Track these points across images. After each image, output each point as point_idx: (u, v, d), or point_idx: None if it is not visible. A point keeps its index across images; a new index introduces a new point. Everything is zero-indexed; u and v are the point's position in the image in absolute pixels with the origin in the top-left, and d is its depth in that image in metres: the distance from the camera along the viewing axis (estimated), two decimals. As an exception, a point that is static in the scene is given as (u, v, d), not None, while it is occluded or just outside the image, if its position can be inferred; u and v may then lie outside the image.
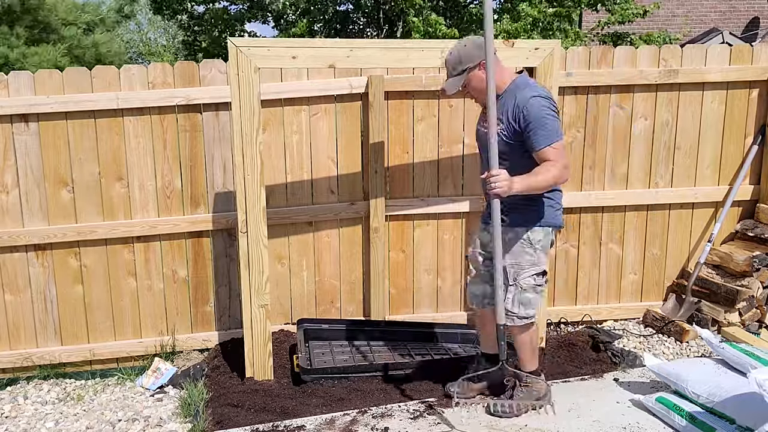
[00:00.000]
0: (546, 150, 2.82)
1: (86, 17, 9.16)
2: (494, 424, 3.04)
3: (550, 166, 2.82)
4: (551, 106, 2.87)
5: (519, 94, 2.87)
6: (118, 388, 3.93)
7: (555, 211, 3.06)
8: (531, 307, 3.04)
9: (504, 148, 2.88)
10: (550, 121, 2.82)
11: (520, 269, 3.01)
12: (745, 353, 3.06)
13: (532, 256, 3.00)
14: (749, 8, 15.28)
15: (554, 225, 3.07)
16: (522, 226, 2.98)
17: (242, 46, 3.31)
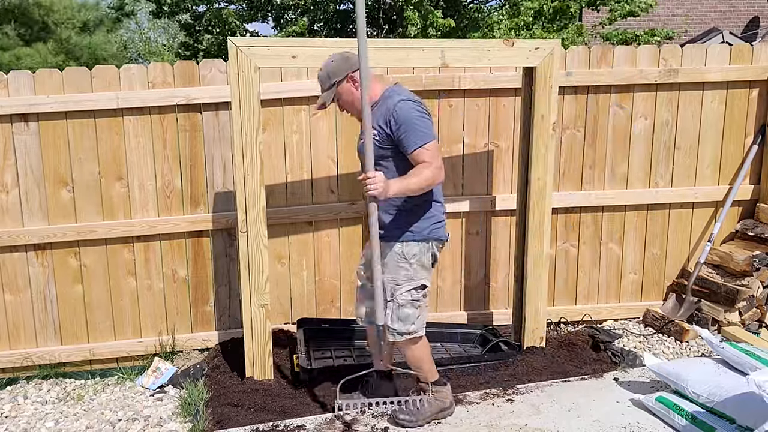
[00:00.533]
0: (419, 151, 2.79)
1: (84, 16, 9.16)
2: (494, 424, 3.04)
3: (423, 167, 2.78)
4: (421, 108, 2.87)
5: (389, 100, 2.87)
6: (118, 387, 3.93)
7: (433, 224, 2.98)
8: (410, 322, 2.96)
9: (380, 153, 2.86)
10: (420, 122, 2.81)
11: (396, 284, 2.94)
12: (745, 353, 3.06)
13: (407, 271, 2.94)
14: (749, 8, 15.30)
15: (432, 239, 2.98)
16: (397, 240, 2.93)
17: (242, 46, 3.31)
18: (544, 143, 3.72)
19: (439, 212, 3.01)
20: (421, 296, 2.99)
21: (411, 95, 2.93)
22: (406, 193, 2.82)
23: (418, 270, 2.96)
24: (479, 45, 3.61)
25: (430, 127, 2.85)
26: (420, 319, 3.00)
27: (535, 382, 3.49)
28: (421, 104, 2.90)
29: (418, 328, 3.00)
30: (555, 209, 4.23)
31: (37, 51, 7.88)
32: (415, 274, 2.95)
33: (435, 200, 2.99)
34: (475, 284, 4.46)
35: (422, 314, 3.01)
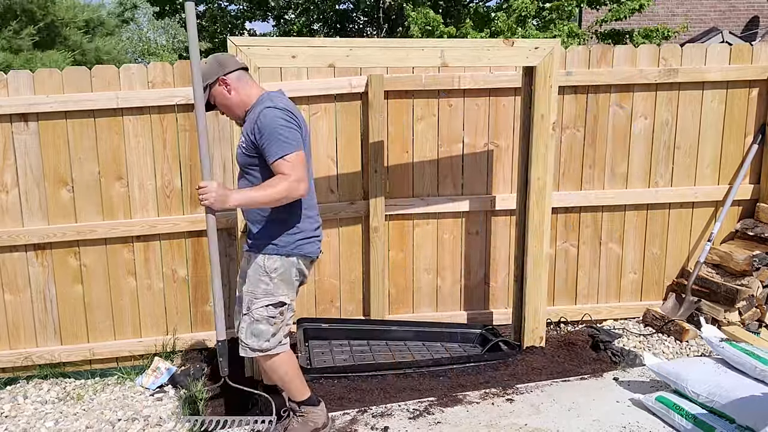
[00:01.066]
0: (279, 162, 2.62)
1: (85, 16, 9.15)
2: (494, 423, 3.04)
3: (279, 179, 2.62)
4: (287, 117, 2.69)
5: (258, 107, 2.73)
6: (118, 387, 3.93)
7: (302, 239, 2.82)
8: (264, 339, 2.81)
9: (247, 161, 2.77)
10: (284, 132, 2.64)
11: (254, 298, 2.81)
12: (745, 352, 3.06)
13: (267, 285, 2.79)
14: (749, 7, 15.29)
15: (298, 254, 2.82)
16: (260, 252, 2.80)
17: (242, 45, 3.31)
18: (543, 143, 3.72)
19: (309, 227, 2.86)
20: (278, 313, 2.82)
21: (281, 102, 2.74)
22: (252, 205, 2.70)
23: (279, 285, 2.81)
24: (479, 45, 3.61)
25: (295, 138, 2.67)
26: (275, 337, 2.83)
27: (535, 382, 3.49)
28: (290, 112, 2.71)
29: (272, 345, 2.83)
30: (555, 209, 4.23)
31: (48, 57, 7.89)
32: (275, 290, 2.80)
33: (306, 214, 2.84)
34: (475, 284, 4.46)
35: (279, 332, 2.84)
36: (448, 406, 3.22)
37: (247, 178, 2.81)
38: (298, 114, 2.77)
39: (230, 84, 2.79)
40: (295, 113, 2.75)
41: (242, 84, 2.82)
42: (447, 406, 3.22)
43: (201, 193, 2.61)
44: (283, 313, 2.84)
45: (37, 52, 7.86)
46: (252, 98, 2.82)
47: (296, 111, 2.78)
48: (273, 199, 2.63)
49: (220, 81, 2.79)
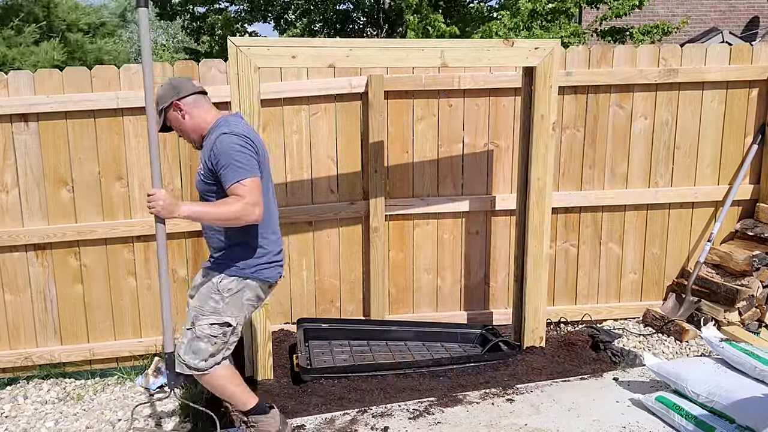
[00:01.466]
0: (234, 186, 2.59)
1: (87, 18, 9.16)
2: (494, 424, 3.04)
3: (234, 199, 2.58)
4: (244, 143, 2.64)
5: (213, 133, 2.70)
6: (118, 387, 3.93)
7: (263, 264, 2.79)
8: (201, 358, 2.74)
9: (205, 187, 2.74)
10: (239, 158, 2.60)
11: (201, 314, 2.75)
12: (745, 352, 3.06)
13: (217, 304, 2.74)
14: (749, 7, 15.29)
15: (257, 278, 2.78)
16: (218, 271, 2.76)
17: (242, 46, 3.31)
18: (543, 143, 3.72)
19: (271, 251, 2.82)
20: (221, 333, 2.75)
21: (238, 127, 2.70)
22: (202, 219, 2.68)
23: (229, 306, 2.75)
24: (479, 45, 3.61)
25: (251, 164, 2.63)
26: (213, 357, 2.76)
27: (535, 382, 3.49)
28: (246, 138, 2.66)
29: (207, 366, 2.75)
30: (555, 209, 4.23)
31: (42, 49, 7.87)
32: (224, 310, 2.75)
33: (269, 238, 2.81)
34: (475, 284, 4.46)
35: (218, 353, 2.77)
36: (448, 406, 3.22)
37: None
38: (255, 139, 2.73)
39: (184, 109, 2.75)
40: (252, 138, 2.70)
41: (197, 108, 2.78)
42: (447, 406, 3.22)
43: (149, 201, 2.58)
44: (225, 335, 2.76)
45: (32, 46, 7.85)
46: (208, 123, 2.78)
47: (254, 136, 2.74)
48: (225, 218, 2.59)
49: (174, 105, 2.75)
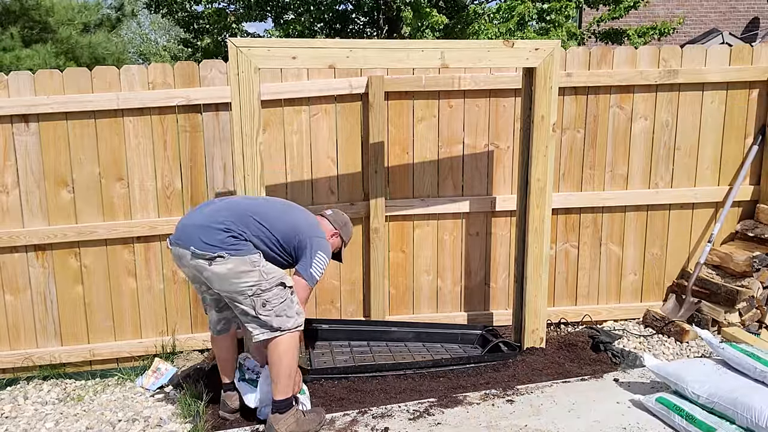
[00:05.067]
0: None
1: (85, 17, 9.16)
2: (494, 424, 3.04)
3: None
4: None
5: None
6: (118, 388, 3.93)
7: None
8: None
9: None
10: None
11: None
12: (745, 353, 3.06)
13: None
14: (749, 8, 15.29)
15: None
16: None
17: (242, 47, 3.31)
18: (544, 144, 3.72)
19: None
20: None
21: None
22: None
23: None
24: (479, 46, 3.62)
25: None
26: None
27: (535, 383, 3.49)
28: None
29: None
30: (555, 210, 4.23)
31: (36, 51, 7.88)
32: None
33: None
34: (476, 285, 4.46)
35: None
36: (448, 407, 3.22)
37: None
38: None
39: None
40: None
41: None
42: (447, 407, 3.22)
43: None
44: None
45: (26, 50, 7.87)
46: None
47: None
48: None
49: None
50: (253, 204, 3.09)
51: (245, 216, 2.98)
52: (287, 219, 3.07)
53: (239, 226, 2.94)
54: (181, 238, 2.95)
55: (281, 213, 3.09)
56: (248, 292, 2.89)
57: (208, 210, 3.02)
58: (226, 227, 2.91)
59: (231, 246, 2.88)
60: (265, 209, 3.06)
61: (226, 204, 3.06)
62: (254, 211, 3.02)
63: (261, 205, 3.10)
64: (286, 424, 2.92)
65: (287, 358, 2.93)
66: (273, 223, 3.02)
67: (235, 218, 2.95)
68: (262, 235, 2.99)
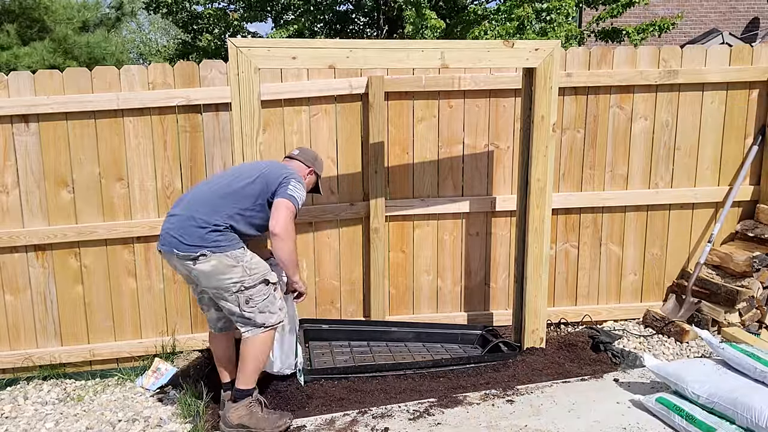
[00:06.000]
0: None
1: (84, 16, 9.16)
2: (494, 424, 3.04)
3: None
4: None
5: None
6: (118, 388, 3.93)
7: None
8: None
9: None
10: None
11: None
12: (745, 353, 3.06)
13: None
14: (749, 9, 15.29)
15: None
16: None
17: (242, 47, 3.31)
18: (544, 144, 3.72)
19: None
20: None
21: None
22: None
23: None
24: (479, 46, 3.62)
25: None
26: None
27: (535, 383, 3.49)
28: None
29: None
30: (555, 210, 4.23)
31: (34, 49, 7.88)
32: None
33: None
34: (476, 285, 4.46)
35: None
36: (448, 407, 3.22)
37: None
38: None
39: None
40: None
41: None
42: (447, 407, 3.22)
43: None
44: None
45: (24, 48, 7.87)
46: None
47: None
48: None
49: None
50: (221, 183, 3.11)
51: (217, 200, 3.01)
52: (256, 178, 3.09)
53: (216, 217, 2.97)
54: (165, 243, 3.02)
55: (248, 177, 3.09)
56: (233, 288, 2.96)
57: (182, 207, 3.06)
58: (205, 222, 2.95)
59: (212, 242, 2.93)
60: (232, 182, 3.09)
61: (197, 195, 3.08)
62: (224, 192, 3.05)
63: (228, 179, 3.12)
64: (237, 414, 3.02)
65: (261, 353, 3.05)
66: (245, 190, 3.05)
67: (210, 208, 2.99)
68: (240, 209, 3.02)
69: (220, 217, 2.97)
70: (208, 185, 3.15)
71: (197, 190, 3.13)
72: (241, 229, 3.02)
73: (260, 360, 3.06)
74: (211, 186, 3.12)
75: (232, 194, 3.03)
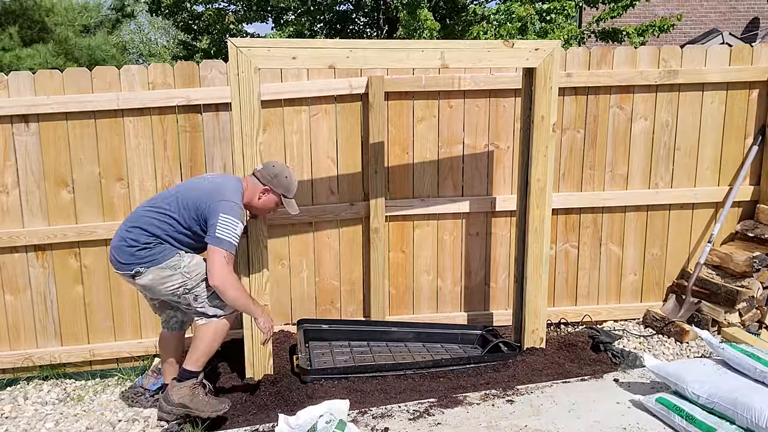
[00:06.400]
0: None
1: (85, 18, 9.17)
2: (494, 425, 3.04)
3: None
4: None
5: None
6: (118, 388, 3.93)
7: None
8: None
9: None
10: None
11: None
12: (745, 353, 3.06)
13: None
14: (749, 9, 15.29)
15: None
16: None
17: (242, 47, 3.31)
18: (544, 144, 3.72)
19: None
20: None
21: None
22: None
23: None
24: (479, 46, 3.62)
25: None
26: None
27: (535, 383, 3.49)
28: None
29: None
30: (555, 210, 4.23)
31: (37, 51, 7.89)
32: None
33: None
34: (475, 285, 4.46)
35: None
36: (448, 407, 3.22)
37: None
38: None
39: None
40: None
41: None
42: (447, 407, 3.22)
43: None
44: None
45: (26, 49, 7.88)
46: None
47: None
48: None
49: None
50: (159, 200, 3.17)
51: (151, 218, 3.09)
52: (191, 200, 3.10)
53: (148, 235, 3.07)
54: (111, 260, 3.21)
55: (185, 198, 3.12)
56: (178, 292, 3.12)
57: (121, 228, 3.17)
58: (134, 240, 3.06)
59: (144, 258, 3.06)
60: (169, 202, 3.13)
61: (136, 214, 3.17)
62: (156, 212, 3.11)
63: (168, 198, 3.16)
64: (180, 393, 3.11)
65: (213, 340, 3.18)
66: (180, 213, 3.10)
67: (142, 226, 3.08)
68: (170, 232, 3.09)
69: (149, 235, 3.07)
70: (155, 199, 3.24)
71: (141, 207, 3.23)
72: (174, 243, 3.12)
73: (211, 346, 3.19)
74: (149, 202, 3.21)
75: (162, 216, 3.10)
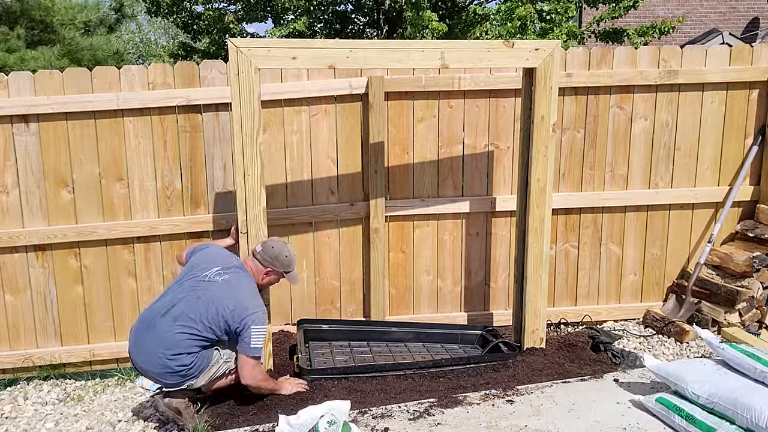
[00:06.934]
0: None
1: (84, 17, 9.17)
2: (494, 425, 3.04)
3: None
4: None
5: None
6: (118, 388, 3.93)
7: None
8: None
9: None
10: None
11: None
12: (745, 354, 3.06)
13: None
14: (749, 9, 15.29)
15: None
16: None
17: (242, 47, 3.31)
18: (544, 144, 3.72)
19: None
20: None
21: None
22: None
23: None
24: (479, 46, 3.62)
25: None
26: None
27: (535, 383, 3.49)
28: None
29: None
30: (555, 210, 4.23)
31: (42, 54, 7.91)
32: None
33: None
34: (476, 285, 4.46)
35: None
36: (448, 407, 3.22)
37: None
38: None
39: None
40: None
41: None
42: (447, 407, 3.22)
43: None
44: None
45: (30, 51, 7.89)
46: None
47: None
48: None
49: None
50: (184, 318, 3.13)
51: (189, 341, 3.12)
52: (221, 318, 3.14)
53: (193, 355, 3.13)
54: (149, 378, 3.25)
55: (212, 317, 3.14)
56: (221, 361, 3.26)
57: (153, 353, 3.12)
58: (182, 365, 3.12)
59: (194, 372, 3.16)
60: (194, 319, 3.14)
61: (170, 336, 3.11)
62: (191, 329, 3.13)
63: (191, 312, 3.14)
64: (180, 400, 3.20)
65: (229, 386, 3.33)
66: (213, 331, 3.17)
67: (186, 350, 3.12)
68: (208, 343, 3.19)
69: (194, 354, 3.14)
70: (165, 308, 3.17)
71: (160, 319, 3.15)
72: (210, 347, 3.22)
73: (223, 387, 3.32)
74: (171, 313, 3.15)
75: (198, 337, 3.14)
